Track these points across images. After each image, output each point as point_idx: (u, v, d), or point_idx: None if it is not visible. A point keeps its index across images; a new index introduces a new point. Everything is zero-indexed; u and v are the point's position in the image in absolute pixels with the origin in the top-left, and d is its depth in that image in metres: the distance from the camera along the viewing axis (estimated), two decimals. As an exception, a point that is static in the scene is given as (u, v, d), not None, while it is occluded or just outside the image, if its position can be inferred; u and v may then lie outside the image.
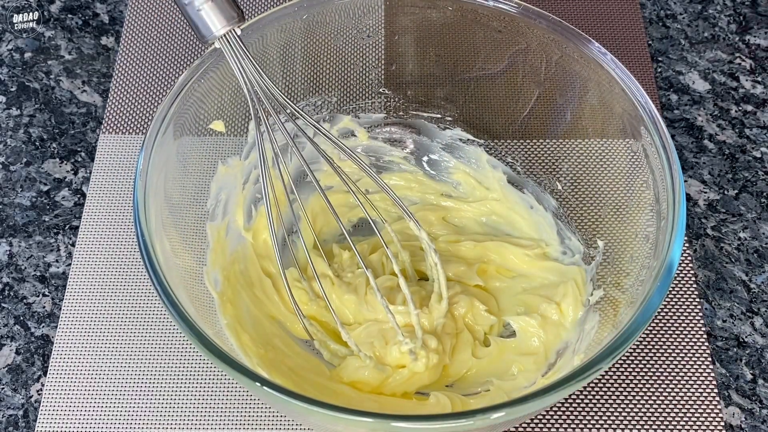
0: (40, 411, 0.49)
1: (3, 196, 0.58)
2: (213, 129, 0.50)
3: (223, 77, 0.48)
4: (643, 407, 0.48)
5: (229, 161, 0.51)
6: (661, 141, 0.43)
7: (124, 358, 0.51)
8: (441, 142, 0.56)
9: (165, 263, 0.41)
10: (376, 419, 0.36)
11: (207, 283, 0.47)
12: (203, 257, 0.48)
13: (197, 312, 0.41)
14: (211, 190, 0.50)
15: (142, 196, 0.42)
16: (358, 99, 0.56)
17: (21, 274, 0.55)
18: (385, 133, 0.57)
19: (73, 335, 0.51)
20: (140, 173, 0.43)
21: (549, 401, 0.36)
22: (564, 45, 0.48)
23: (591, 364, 0.37)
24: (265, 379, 0.37)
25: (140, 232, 0.41)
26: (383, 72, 0.56)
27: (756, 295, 0.54)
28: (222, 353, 0.38)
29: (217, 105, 0.49)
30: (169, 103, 0.45)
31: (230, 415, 0.49)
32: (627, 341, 0.38)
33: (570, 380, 0.36)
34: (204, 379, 0.50)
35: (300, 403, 0.36)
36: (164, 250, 0.42)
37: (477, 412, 0.35)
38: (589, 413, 0.48)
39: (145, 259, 0.40)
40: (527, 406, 0.36)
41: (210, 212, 0.50)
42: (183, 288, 0.42)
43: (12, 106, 0.63)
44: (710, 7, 0.68)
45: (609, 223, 0.50)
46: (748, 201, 0.58)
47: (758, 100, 0.63)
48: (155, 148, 0.44)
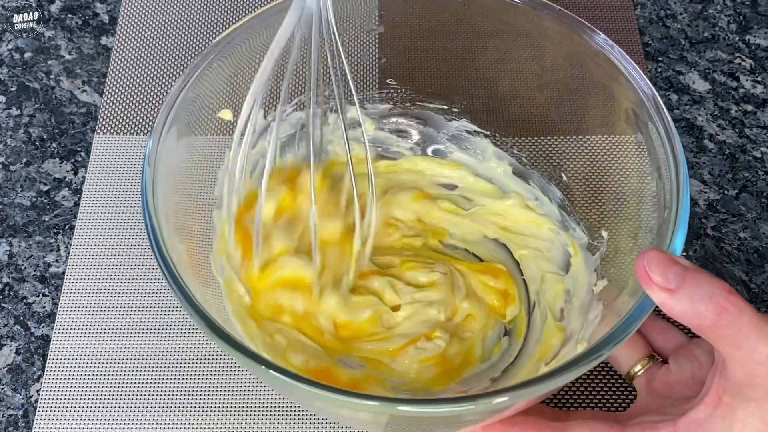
0: (38, 411, 0.49)
1: (3, 196, 0.58)
2: (221, 117, 0.50)
3: (232, 65, 0.48)
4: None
5: None
6: (667, 133, 0.43)
7: (122, 357, 0.51)
8: (447, 134, 0.56)
9: (173, 250, 0.41)
10: (382, 403, 0.36)
11: (213, 270, 0.47)
12: (210, 244, 0.48)
13: (204, 299, 0.41)
14: (218, 178, 0.50)
15: (150, 184, 0.42)
16: (365, 90, 0.56)
17: (21, 274, 0.55)
18: (392, 124, 0.57)
19: (69, 335, 0.51)
20: (149, 159, 0.43)
21: (552, 386, 0.37)
22: (570, 36, 0.48)
23: (593, 350, 0.37)
24: (271, 362, 0.37)
25: (149, 218, 0.41)
26: (390, 63, 0.56)
27: (756, 295, 0.54)
28: (229, 337, 0.38)
29: (225, 93, 0.49)
30: (177, 92, 0.45)
31: (229, 411, 0.49)
32: (628, 329, 0.38)
33: (573, 365, 0.37)
34: (202, 378, 0.50)
35: (305, 386, 0.36)
36: (171, 237, 0.42)
37: (480, 396, 0.36)
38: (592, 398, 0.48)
39: (154, 244, 0.40)
40: (530, 390, 0.36)
41: (217, 200, 0.50)
42: (190, 274, 0.42)
43: (12, 106, 0.63)
44: (710, 7, 0.68)
45: (614, 214, 0.50)
46: (748, 201, 0.58)
47: (758, 100, 0.63)
48: (163, 134, 0.44)
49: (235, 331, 0.45)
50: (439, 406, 0.36)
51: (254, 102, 0.44)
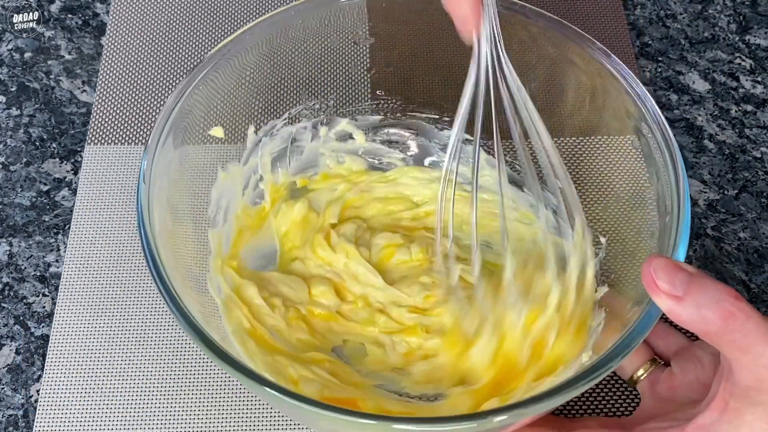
0: (38, 411, 0.49)
1: (3, 196, 0.58)
2: (213, 135, 0.50)
3: (223, 82, 0.48)
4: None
5: (229, 167, 0.51)
6: (664, 138, 0.43)
7: (122, 357, 0.51)
8: (439, 143, 0.56)
9: (170, 269, 0.41)
10: (379, 422, 0.35)
11: (210, 290, 0.47)
12: (206, 264, 0.48)
13: (204, 318, 0.41)
14: (212, 197, 0.50)
15: (146, 202, 0.42)
16: (355, 102, 0.56)
17: (21, 274, 0.55)
18: (383, 135, 0.57)
19: (68, 335, 0.51)
20: (144, 178, 0.42)
21: (554, 403, 0.36)
22: (564, 43, 0.48)
23: (600, 363, 0.36)
24: (274, 383, 0.36)
25: (145, 239, 0.40)
26: (379, 74, 0.56)
27: (756, 295, 0.54)
28: (230, 358, 0.37)
29: (217, 111, 0.49)
30: (170, 109, 0.45)
31: (227, 411, 0.49)
32: (636, 339, 0.37)
33: (582, 379, 0.36)
34: (202, 377, 0.50)
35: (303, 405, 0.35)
36: (168, 257, 0.42)
37: (478, 415, 0.35)
38: (597, 403, 0.48)
39: (151, 265, 0.40)
40: (532, 408, 0.35)
41: (211, 219, 0.50)
42: (188, 294, 0.41)
43: (12, 106, 0.63)
44: (710, 7, 0.68)
45: (612, 219, 0.49)
46: (748, 201, 0.58)
47: (758, 100, 0.63)
48: (157, 152, 0.44)
49: (235, 350, 0.45)
50: (436, 425, 0.35)
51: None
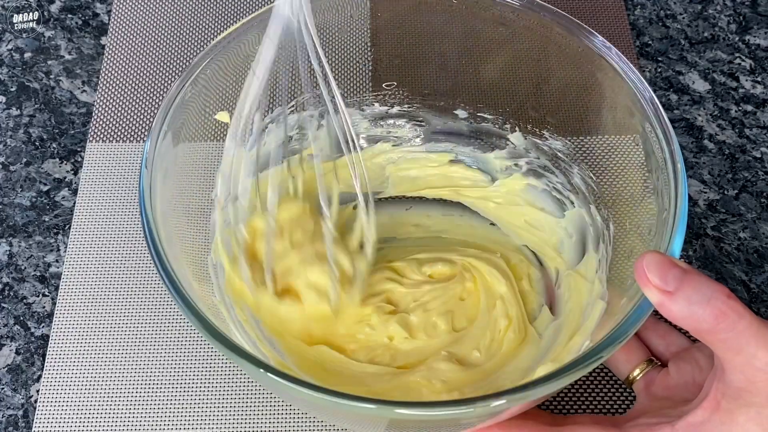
0: (38, 411, 0.49)
1: (3, 196, 0.58)
2: (218, 120, 0.50)
3: (229, 66, 0.48)
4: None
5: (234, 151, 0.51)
6: (664, 134, 0.43)
7: (121, 356, 0.51)
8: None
9: (170, 253, 0.41)
10: (379, 405, 0.36)
11: (211, 273, 0.47)
12: (207, 247, 0.48)
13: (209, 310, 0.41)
14: (216, 180, 0.50)
15: (147, 185, 0.42)
16: (362, 92, 0.56)
17: (21, 274, 0.55)
18: (389, 125, 0.57)
19: (68, 335, 0.51)
20: (146, 162, 0.43)
21: (551, 388, 0.36)
22: (568, 38, 0.48)
23: (592, 352, 0.37)
24: (268, 365, 0.37)
25: (146, 223, 0.41)
26: (387, 65, 0.56)
27: (756, 295, 0.54)
28: (227, 340, 0.38)
29: (222, 96, 0.49)
30: (174, 94, 0.45)
31: (229, 409, 0.49)
32: (627, 331, 0.38)
33: (572, 368, 0.36)
34: (202, 376, 0.50)
35: (304, 390, 0.36)
36: (169, 240, 0.42)
37: (477, 399, 0.36)
38: (591, 402, 0.48)
39: (151, 248, 0.40)
40: (529, 393, 0.36)
41: (215, 201, 0.50)
42: (188, 278, 0.42)
43: (12, 106, 0.63)
44: (710, 7, 0.68)
45: (611, 215, 0.50)
46: (748, 201, 0.58)
47: (758, 100, 0.63)
48: (160, 138, 0.44)
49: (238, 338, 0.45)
50: (437, 409, 0.36)
51: (252, 108, 0.44)
